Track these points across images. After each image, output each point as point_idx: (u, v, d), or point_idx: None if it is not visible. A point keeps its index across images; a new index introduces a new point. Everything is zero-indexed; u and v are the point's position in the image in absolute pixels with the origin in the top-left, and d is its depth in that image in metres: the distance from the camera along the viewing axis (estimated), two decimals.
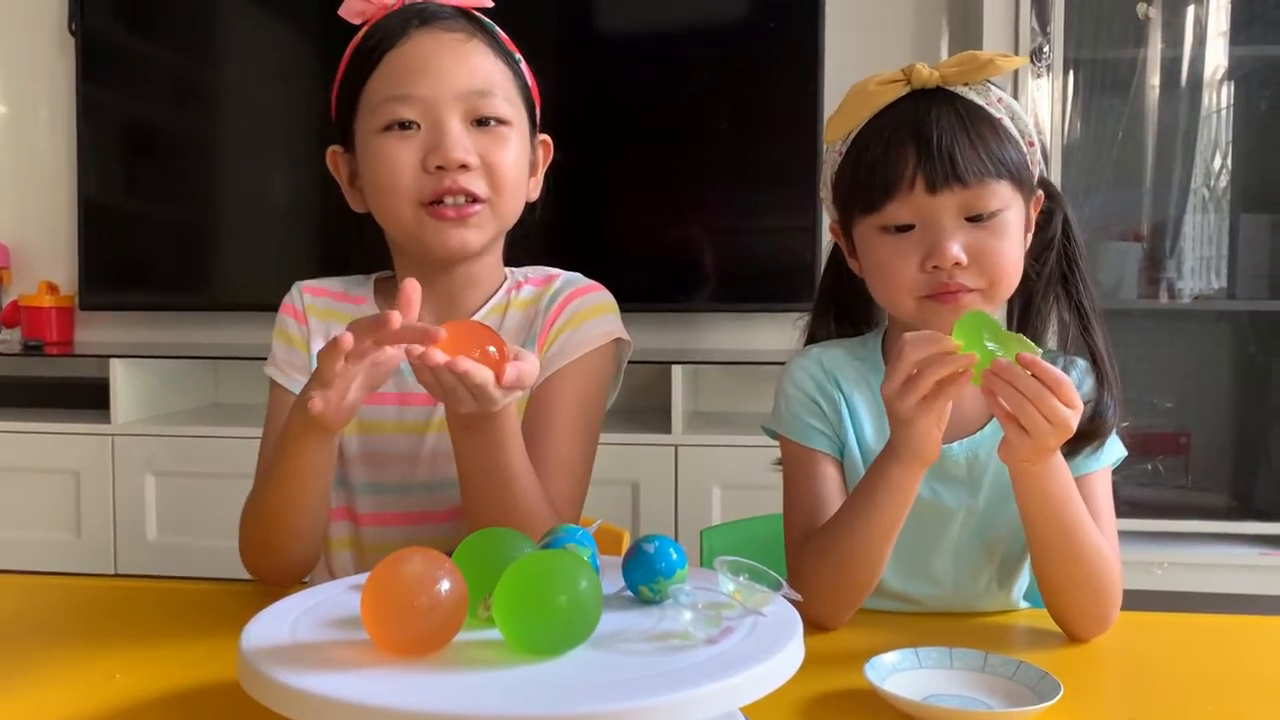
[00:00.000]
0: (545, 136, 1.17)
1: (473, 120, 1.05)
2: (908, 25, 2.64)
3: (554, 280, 1.17)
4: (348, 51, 1.11)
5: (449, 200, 1.04)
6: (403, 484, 1.12)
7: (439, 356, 0.84)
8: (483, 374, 0.86)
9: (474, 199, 1.04)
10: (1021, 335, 0.84)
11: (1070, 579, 0.92)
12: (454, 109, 1.04)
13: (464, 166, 1.03)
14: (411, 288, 0.89)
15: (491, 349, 0.87)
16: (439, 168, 1.03)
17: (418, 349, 0.84)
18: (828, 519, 0.98)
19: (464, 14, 1.09)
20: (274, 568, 1.06)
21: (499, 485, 0.97)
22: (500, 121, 1.06)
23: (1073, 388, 0.82)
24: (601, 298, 1.16)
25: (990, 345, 0.83)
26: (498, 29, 1.12)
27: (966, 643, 0.83)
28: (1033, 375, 0.82)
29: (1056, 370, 0.82)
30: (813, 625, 0.94)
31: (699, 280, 2.67)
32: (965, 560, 1.04)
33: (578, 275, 1.19)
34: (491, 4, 1.12)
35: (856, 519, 0.93)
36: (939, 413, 0.86)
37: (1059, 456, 0.90)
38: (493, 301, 1.15)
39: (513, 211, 1.10)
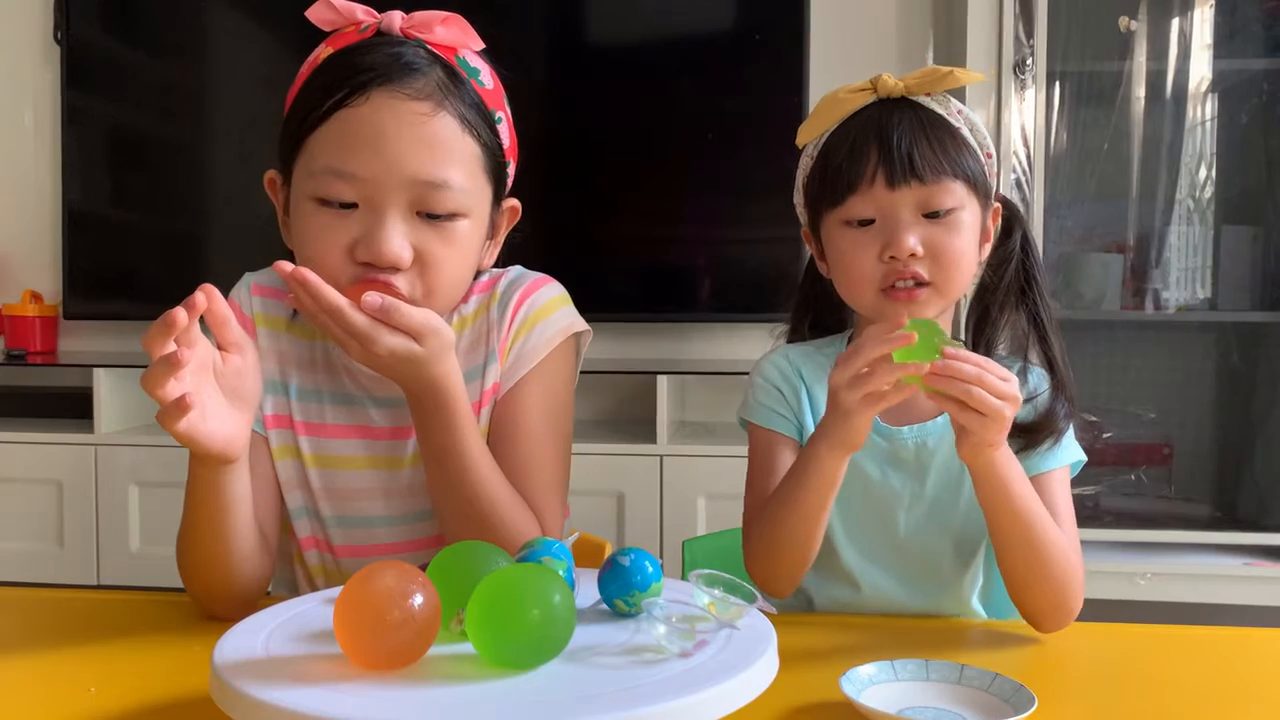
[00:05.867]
0: (514, 202, 1.07)
1: (418, 211, 0.95)
2: (892, 38, 2.66)
3: (497, 283, 1.10)
4: (305, 70, 1.00)
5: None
6: (376, 518, 1.08)
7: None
8: (336, 299, 0.87)
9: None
10: (945, 333, 0.91)
11: (1032, 569, 0.96)
12: (398, 197, 0.93)
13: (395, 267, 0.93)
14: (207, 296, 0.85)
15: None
16: (368, 263, 0.93)
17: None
18: None
19: (441, 65, 0.97)
20: (216, 602, 0.99)
21: (457, 473, 0.97)
22: (452, 215, 0.96)
23: (995, 364, 0.89)
24: (551, 292, 1.11)
25: (936, 344, 0.89)
26: (481, 75, 1.00)
27: (943, 654, 0.83)
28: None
29: (974, 354, 0.89)
30: (763, 590, 1.02)
31: (684, 290, 2.67)
32: (915, 543, 1.09)
33: (521, 270, 1.13)
34: (483, 46, 1.02)
35: (787, 497, 0.99)
36: (879, 411, 0.91)
37: (1009, 450, 0.95)
38: None
39: (448, 303, 1.01)
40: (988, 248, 1.09)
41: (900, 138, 1.01)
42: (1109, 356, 2.53)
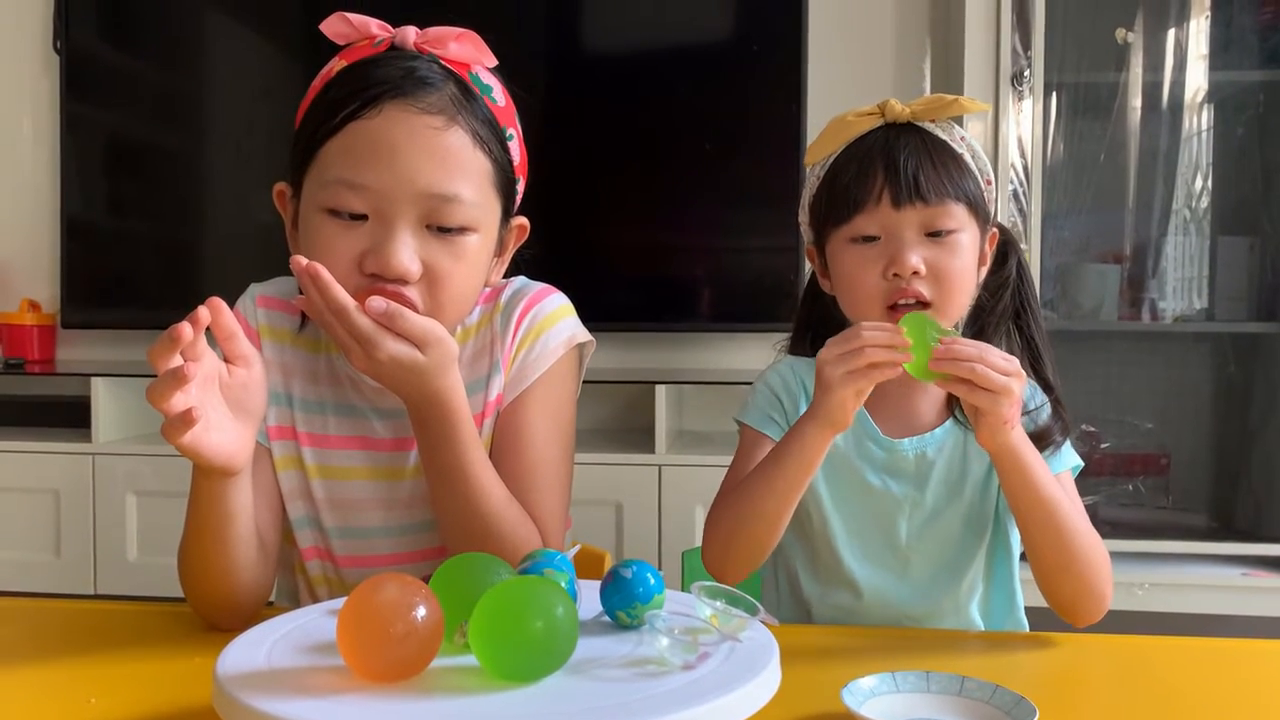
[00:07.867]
0: (522, 220, 1.07)
1: (428, 225, 0.95)
2: (889, 48, 2.67)
3: (501, 294, 1.10)
4: (317, 83, 1.00)
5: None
6: (378, 528, 1.08)
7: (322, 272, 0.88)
8: (344, 298, 0.87)
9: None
10: (938, 324, 0.95)
11: (1061, 554, 1.00)
12: (409, 210, 0.93)
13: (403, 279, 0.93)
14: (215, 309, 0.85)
15: None
16: (375, 274, 0.93)
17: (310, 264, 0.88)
18: None
19: (454, 81, 0.97)
20: (217, 612, 0.98)
21: (458, 486, 0.97)
22: (462, 229, 0.96)
23: (993, 348, 0.94)
24: (555, 303, 1.11)
25: (933, 335, 0.93)
26: (494, 92, 1.00)
27: (944, 666, 0.83)
28: None
29: (969, 340, 0.94)
30: (711, 574, 1.06)
31: (683, 300, 2.68)
32: (915, 550, 1.12)
33: (525, 280, 1.13)
34: (496, 63, 1.01)
35: (763, 475, 1.02)
36: (860, 390, 0.96)
37: (1025, 436, 0.99)
38: None
39: (455, 318, 1.01)
40: (984, 271, 1.14)
41: (906, 160, 1.06)
42: (1106, 366, 2.54)
